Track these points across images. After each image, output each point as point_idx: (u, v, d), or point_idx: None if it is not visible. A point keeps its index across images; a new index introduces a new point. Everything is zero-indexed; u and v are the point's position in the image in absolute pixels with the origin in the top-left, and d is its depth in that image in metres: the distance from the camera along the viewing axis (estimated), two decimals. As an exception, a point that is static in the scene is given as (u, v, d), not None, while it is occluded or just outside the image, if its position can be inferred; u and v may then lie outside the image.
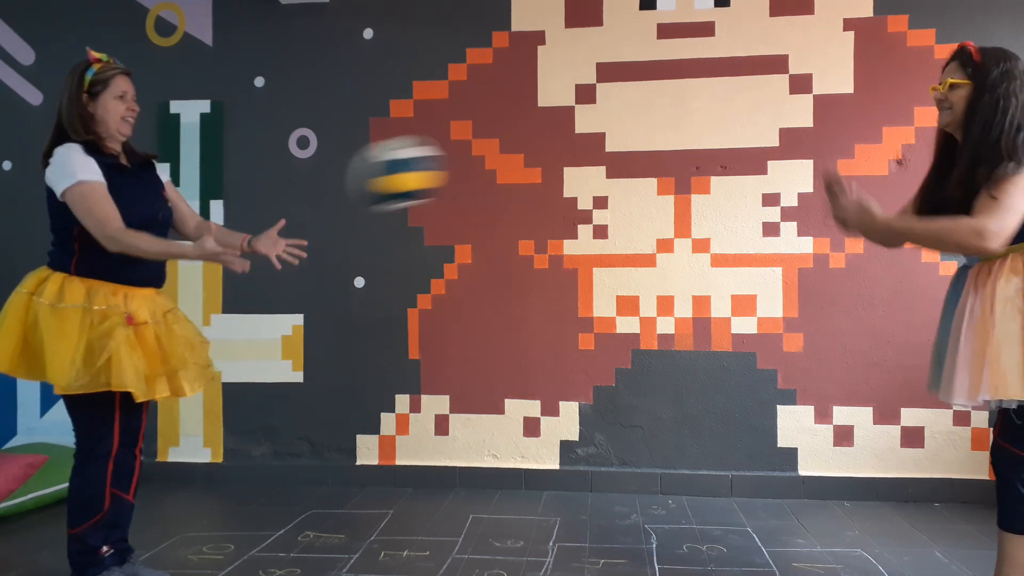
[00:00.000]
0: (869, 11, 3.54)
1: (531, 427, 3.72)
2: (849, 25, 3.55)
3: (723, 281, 3.62)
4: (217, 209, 3.89)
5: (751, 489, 3.55)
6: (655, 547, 2.86)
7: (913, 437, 3.50)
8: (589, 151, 3.69)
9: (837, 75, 3.55)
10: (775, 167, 3.59)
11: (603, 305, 3.68)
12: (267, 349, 3.87)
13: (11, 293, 2.29)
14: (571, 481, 3.67)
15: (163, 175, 2.54)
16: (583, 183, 3.69)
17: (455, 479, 3.73)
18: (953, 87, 2.01)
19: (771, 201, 3.59)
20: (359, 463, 3.82)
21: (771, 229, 3.59)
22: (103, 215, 2.20)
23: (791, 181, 3.57)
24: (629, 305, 3.67)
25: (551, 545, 2.87)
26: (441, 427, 3.78)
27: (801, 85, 3.57)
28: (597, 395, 3.68)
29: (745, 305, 3.60)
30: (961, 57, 2.02)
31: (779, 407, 3.58)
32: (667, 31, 3.65)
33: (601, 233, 3.69)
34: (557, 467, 3.71)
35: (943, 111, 2.05)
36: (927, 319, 3.46)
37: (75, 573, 2.33)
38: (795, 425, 3.57)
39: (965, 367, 1.93)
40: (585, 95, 3.70)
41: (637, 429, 3.66)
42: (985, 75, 1.96)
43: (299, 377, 3.86)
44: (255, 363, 3.87)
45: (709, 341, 3.62)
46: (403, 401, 3.80)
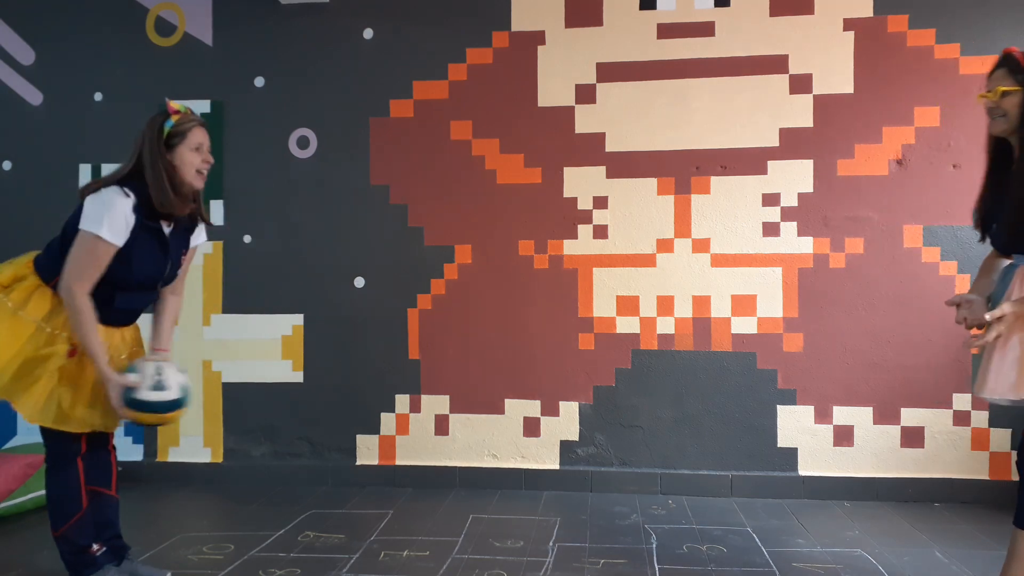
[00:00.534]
0: (869, 11, 3.54)
1: (531, 427, 3.72)
2: (849, 25, 3.55)
3: (723, 281, 3.62)
4: (217, 209, 3.89)
5: (751, 489, 3.55)
6: (655, 547, 2.86)
7: (913, 437, 3.50)
8: (589, 151, 3.69)
9: (837, 75, 3.55)
10: (775, 167, 3.59)
11: (603, 305, 3.68)
12: (267, 349, 3.87)
13: None
14: (571, 481, 3.67)
15: (198, 238, 2.48)
16: (583, 183, 3.69)
17: (455, 479, 3.73)
18: (1005, 94, 2.00)
19: (771, 201, 3.59)
20: (359, 463, 3.82)
21: (771, 229, 3.59)
22: (82, 272, 2.17)
23: (791, 181, 3.57)
24: (629, 305, 3.67)
25: (551, 545, 2.87)
26: (441, 427, 3.78)
27: (801, 85, 3.57)
28: (597, 395, 3.68)
29: (745, 305, 3.60)
30: (1008, 64, 2.02)
31: (779, 407, 3.58)
32: (667, 31, 3.65)
33: (601, 233, 3.69)
34: (557, 467, 3.71)
35: (996, 119, 2.04)
36: (927, 319, 3.47)
37: (72, 574, 2.33)
38: (795, 425, 3.57)
39: (1012, 364, 1.92)
40: (585, 95, 3.70)
41: (637, 429, 3.66)
42: None
43: (299, 377, 3.86)
44: (255, 363, 3.87)
45: (709, 341, 3.62)
46: (403, 401, 3.80)
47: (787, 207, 3.58)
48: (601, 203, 3.69)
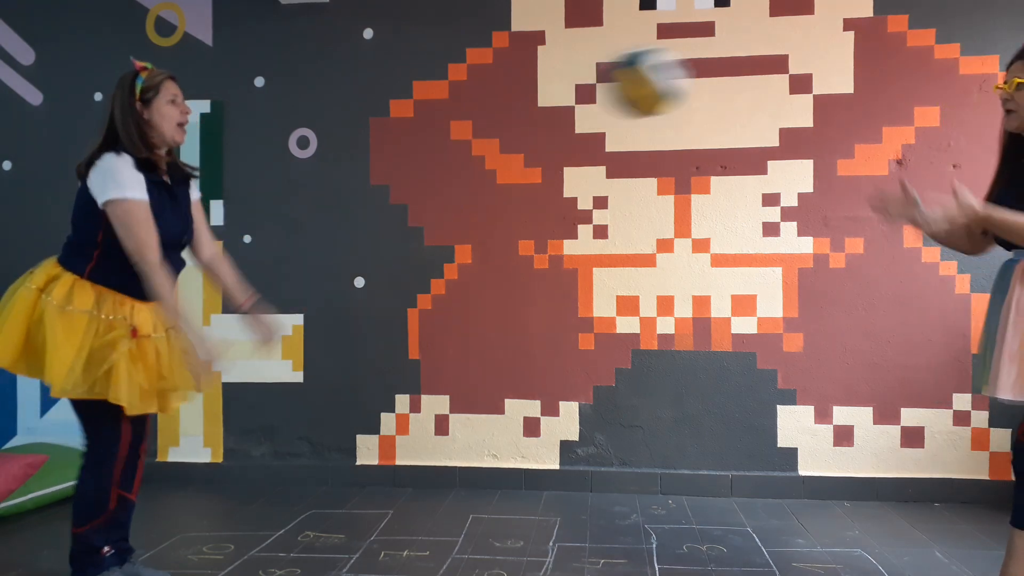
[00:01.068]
0: (869, 11, 3.54)
1: (531, 427, 3.72)
2: (849, 25, 3.55)
3: (723, 281, 3.62)
4: (217, 209, 3.89)
5: (751, 489, 3.55)
6: (655, 547, 2.86)
7: (913, 437, 3.50)
8: (589, 151, 3.69)
9: (837, 75, 3.55)
10: (775, 167, 3.59)
11: (603, 305, 3.68)
12: (267, 349, 3.85)
13: (17, 285, 2.27)
14: (571, 481, 3.67)
15: (195, 192, 2.52)
16: (583, 183, 3.69)
17: (455, 479, 3.73)
18: (1020, 86, 1.97)
19: (771, 201, 3.59)
20: (359, 463, 3.82)
21: (771, 229, 3.59)
22: (144, 239, 2.18)
23: (791, 181, 3.57)
24: (629, 305, 3.67)
25: (551, 545, 2.87)
26: (441, 427, 3.78)
27: (801, 85, 3.57)
28: (597, 395, 3.68)
29: (745, 305, 3.60)
30: None
31: (779, 407, 3.58)
32: (667, 31, 3.64)
33: (601, 233, 3.69)
34: (557, 467, 3.71)
35: (1009, 113, 2.02)
36: (927, 319, 3.47)
37: (75, 573, 2.33)
38: (795, 425, 3.57)
39: (1012, 361, 1.91)
40: (585, 95, 3.70)
41: (637, 429, 3.66)
42: None
43: (299, 377, 3.86)
44: (255, 363, 3.87)
45: (709, 341, 3.62)
46: (403, 401, 3.80)
47: (787, 207, 3.58)
48: (601, 203, 3.69)
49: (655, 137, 3.65)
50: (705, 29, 3.62)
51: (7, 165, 4.04)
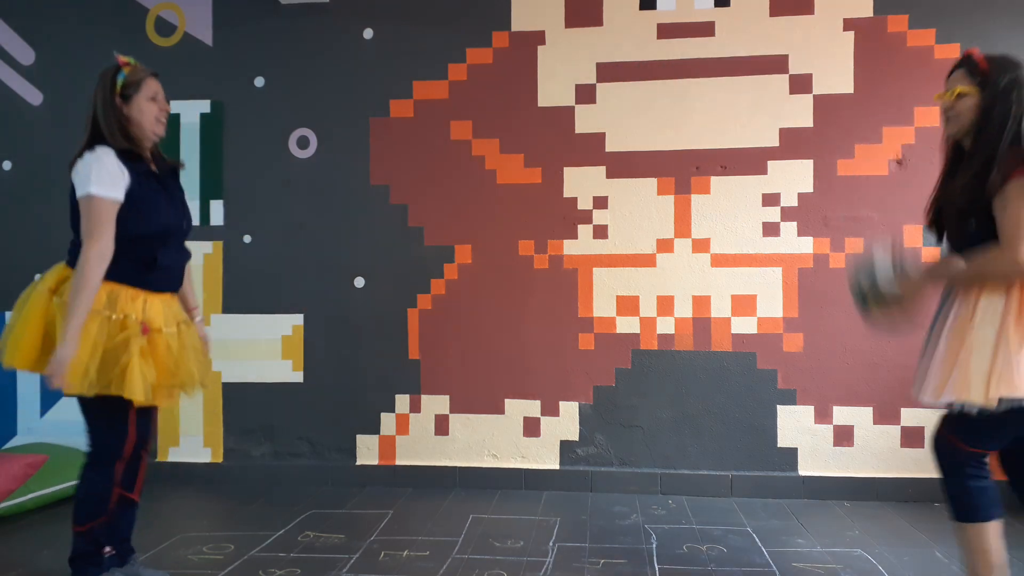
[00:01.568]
0: (869, 11, 3.54)
1: (531, 427, 3.72)
2: (849, 25, 3.55)
3: (723, 281, 3.62)
4: (217, 209, 3.89)
5: (751, 489, 3.55)
6: (655, 547, 2.86)
7: (913, 437, 3.50)
8: (589, 151, 3.69)
9: (837, 75, 3.55)
10: (775, 167, 3.59)
11: (603, 305, 3.68)
12: (267, 349, 3.87)
13: (20, 290, 2.29)
14: (571, 481, 3.67)
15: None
16: (583, 183, 3.69)
17: (455, 479, 3.73)
18: (961, 96, 1.98)
19: (771, 201, 3.59)
20: (359, 463, 3.82)
21: (771, 229, 3.59)
22: (92, 229, 2.18)
23: (791, 181, 3.57)
24: (629, 305, 3.67)
25: (551, 545, 2.87)
26: (441, 427, 3.78)
27: (801, 85, 3.57)
28: (597, 395, 3.68)
29: (745, 305, 3.60)
30: (967, 65, 2.00)
31: (779, 407, 3.58)
32: (667, 31, 3.65)
33: (601, 233, 3.69)
34: (557, 467, 3.71)
35: (949, 120, 2.03)
36: (927, 319, 3.46)
37: (76, 573, 2.33)
38: (795, 425, 3.57)
39: (938, 367, 1.94)
40: (585, 95, 3.70)
41: (637, 429, 3.66)
42: (995, 84, 1.94)
43: (299, 377, 3.86)
44: (255, 363, 3.87)
45: (709, 341, 3.62)
46: (403, 401, 3.80)
47: (787, 207, 3.58)
48: (601, 203, 3.69)
49: (655, 137, 3.65)
50: (705, 29, 3.62)
51: (7, 165, 4.04)
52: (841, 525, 3.13)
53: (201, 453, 3.91)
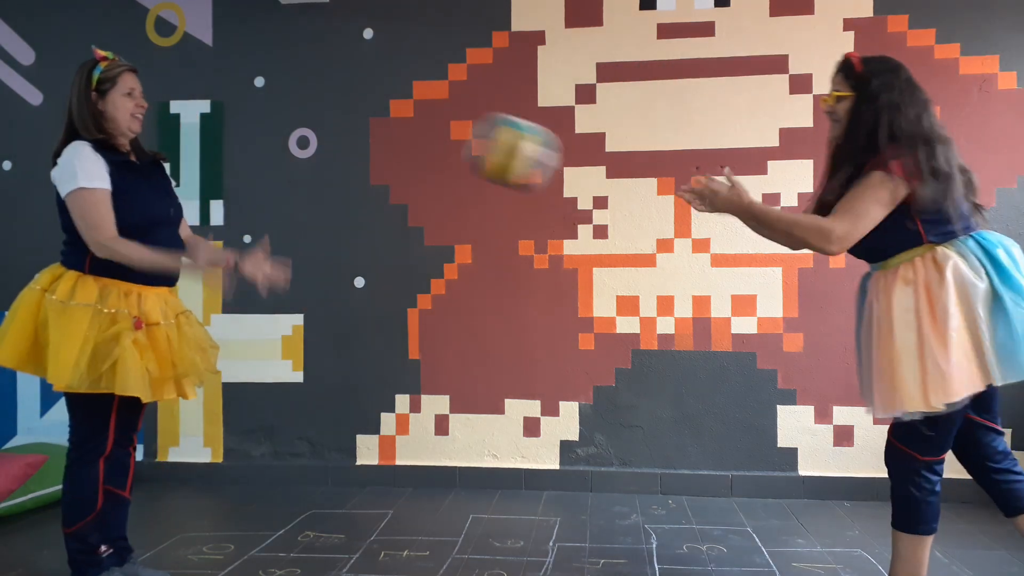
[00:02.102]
0: (869, 11, 3.54)
1: (531, 427, 3.72)
2: (849, 25, 3.55)
3: (723, 281, 3.62)
4: (217, 209, 3.89)
5: (751, 489, 3.55)
6: (655, 547, 2.86)
7: (913, 437, 3.49)
8: (589, 151, 3.69)
9: (837, 75, 3.55)
10: (775, 167, 3.59)
11: (603, 305, 3.68)
12: (267, 349, 3.87)
13: (20, 290, 2.29)
14: (571, 481, 3.67)
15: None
16: (583, 183, 3.69)
17: (455, 479, 3.73)
18: (840, 99, 2.01)
19: (771, 201, 3.58)
20: (359, 463, 3.82)
21: (771, 229, 3.59)
22: (95, 221, 2.18)
23: (791, 181, 3.57)
24: (629, 305, 3.67)
25: (551, 545, 2.87)
26: (441, 427, 3.78)
27: (801, 85, 3.57)
28: (597, 395, 3.68)
29: (745, 305, 3.60)
30: (844, 69, 2.02)
31: (779, 407, 3.57)
32: (667, 31, 3.65)
33: (601, 233, 3.69)
34: (557, 467, 3.70)
35: (833, 123, 2.05)
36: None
37: (75, 573, 2.33)
38: (795, 425, 3.57)
39: (879, 381, 1.97)
40: (585, 95, 3.70)
41: (637, 429, 3.66)
42: (866, 86, 1.96)
43: (299, 377, 3.86)
44: (255, 363, 3.87)
45: (709, 341, 3.62)
46: (403, 401, 3.80)
47: (787, 207, 3.57)
48: (601, 203, 3.69)
49: (655, 137, 3.65)
50: (705, 29, 3.62)
51: (7, 165, 4.04)
52: (841, 525, 3.13)
53: (201, 453, 3.91)
